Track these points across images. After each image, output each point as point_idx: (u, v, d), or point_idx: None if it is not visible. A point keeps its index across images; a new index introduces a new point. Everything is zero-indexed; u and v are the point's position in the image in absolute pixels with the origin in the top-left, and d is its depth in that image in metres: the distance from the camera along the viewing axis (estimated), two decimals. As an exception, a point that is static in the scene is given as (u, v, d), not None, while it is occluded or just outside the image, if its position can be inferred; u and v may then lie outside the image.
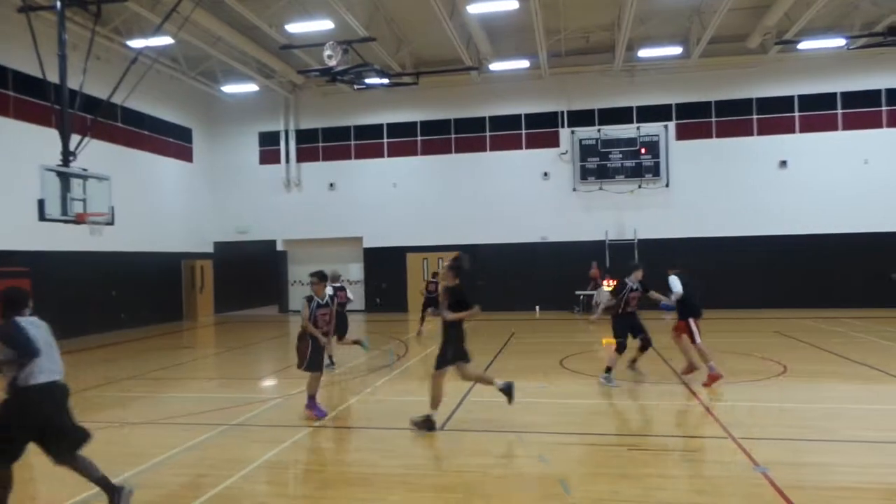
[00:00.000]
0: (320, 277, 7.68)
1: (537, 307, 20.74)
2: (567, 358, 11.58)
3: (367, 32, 16.26)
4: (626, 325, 9.70)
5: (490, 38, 18.84)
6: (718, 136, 21.01)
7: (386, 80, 17.91)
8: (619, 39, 18.37)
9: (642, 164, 21.19)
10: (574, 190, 21.63)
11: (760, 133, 20.78)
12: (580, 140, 21.57)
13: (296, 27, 16.07)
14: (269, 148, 23.80)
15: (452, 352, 6.99)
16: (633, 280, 9.97)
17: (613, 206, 21.31)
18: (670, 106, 21.27)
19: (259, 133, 23.86)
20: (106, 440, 7.13)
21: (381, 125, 23.04)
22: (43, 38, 12.59)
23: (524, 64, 19.79)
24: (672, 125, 21.23)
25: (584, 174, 21.54)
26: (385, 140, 23.05)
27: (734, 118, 20.90)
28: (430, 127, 22.75)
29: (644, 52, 19.35)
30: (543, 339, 14.83)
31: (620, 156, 21.34)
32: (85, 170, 12.79)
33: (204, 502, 5.05)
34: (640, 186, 21.23)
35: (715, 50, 19.38)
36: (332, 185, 23.29)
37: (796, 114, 20.58)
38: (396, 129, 22.94)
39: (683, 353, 9.48)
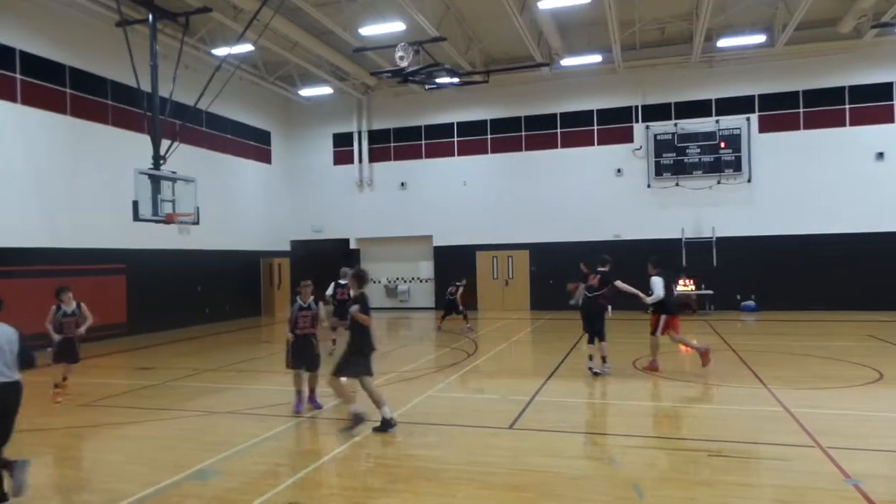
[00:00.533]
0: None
1: (609, 307, 20.23)
2: (640, 359, 11.28)
3: (437, 32, 16.40)
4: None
5: (561, 33, 18.56)
6: (806, 127, 19.84)
7: (456, 79, 18.02)
8: (698, 29, 17.67)
9: (721, 159, 20.31)
10: (648, 186, 21.01)
11: (854, 123, 19.46)
12: (655, 135, 20.92)
13: (368, 30, 16.41)
14: (342, 149, 24.43)
15: (362, 364, 6.97)
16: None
17: (690, 203, 20.55)
18: (753, 97, 20.27)
19: (333, 134, 24.54)
20: (194, 427, 7.57)
21: (452, 124, 23.18)
22: (136, 50, 13.46)
23: (597, 58, 19.38)
24: (755, 117, 20.23)
25: (660, 170, 20.88)
26: (455, 139, 23.18)
27: (824, 108, 19.67)
28: (500, 125, 22.69)
29: (724, 42, 18.51)
30: (615, 340, 14.48)
31: (698, 150, 20.54)
32: (174, 172, 13.60)
33: (281, 491, 5.26)
34: (719, 182, 20.36)
35: (802, 36, 18.31)
36: (402, 184, 23.64)
37: (895, 102, 19.15)
38: (466, 127, 23.01)
39: (683, 345, 10.47)
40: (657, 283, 10.13)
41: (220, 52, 16.90)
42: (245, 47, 16.21)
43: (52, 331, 8.88)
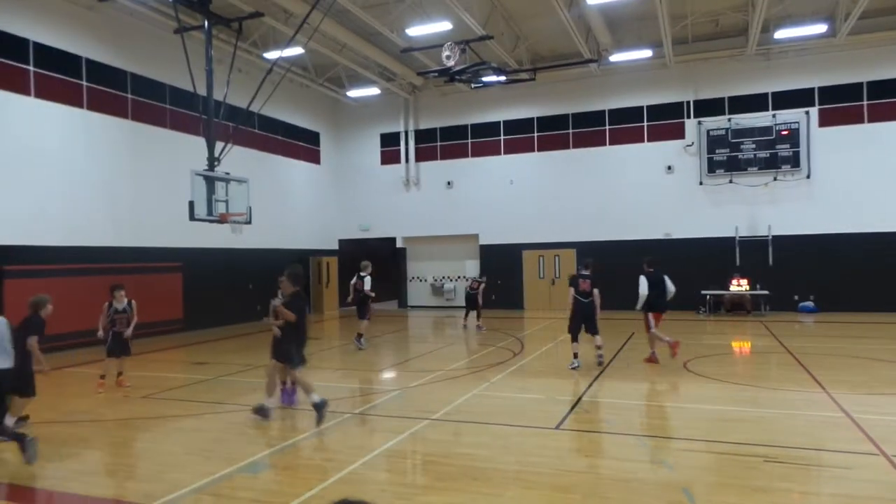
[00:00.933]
0: (289, 277, 7.80)
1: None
2: (691, 361, 11.00)
3: (484, 30, 16.37)
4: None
5: (610, 28, 18.25)
6: (871, 120, 18.90)
7: (503, 78, 17.95)
8: (754, 21, 17.08)
9: (778, 155, 19.58)
10: (700, 184, 20.44)
11: (922, 116, 18.46)
12: (708, 131, 20.32)
13: (415, 30, 16.51)
14: (389, 148, 24.67)
15: (298, 354, 7.66)
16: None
17: (745, 201, 19.89)
18: (812, 90, 19.45)
19: (380, 134, 24.80)
20: (245, 422, 7.77)
21: (498, 122, 23.10)
22: (192, 56, 13.91)
23: (647, 53, 18.96)
24: (814, 111, 19.41)
25: (712, 167, 20.28)
26: (501, 137, 23.09)
27: (890, 100, 18.70)
28: (546, 122, 22.48)
29: (782, 33, 17.82)
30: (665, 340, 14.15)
31: (753, 146, 19.85)
32: (227, 173, 14.00)
33: (329, 486, 5.35)
34: (775, 179, 19.63)
35: (866, 25, 17.45)
36: (449, 183, 23.70)
37: (969, 92, 18.08)
38: (513, 125, 22.89)
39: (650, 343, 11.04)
40: (641, 281, 10.87)
41: (272, 55, 17.31)
42: (295, 50, 16.53)
43: (105, 326, 9.35)
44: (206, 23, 14.47)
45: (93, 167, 14.93)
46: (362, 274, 13.45)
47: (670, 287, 11.00)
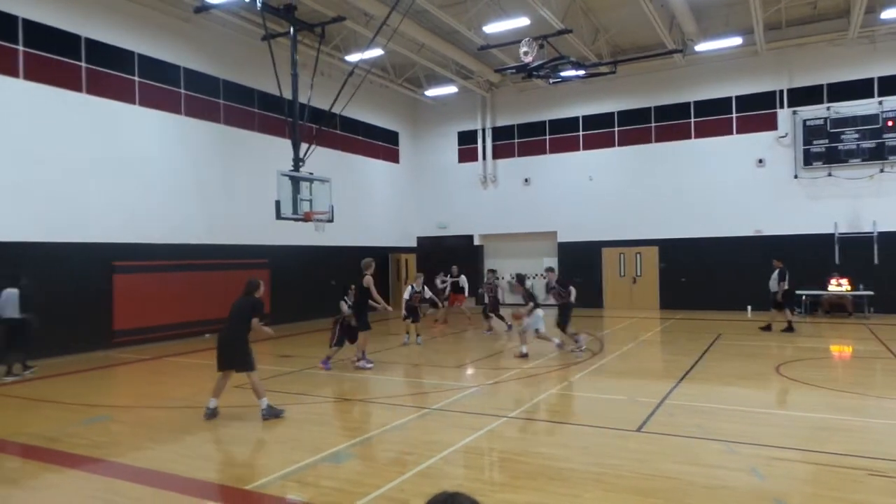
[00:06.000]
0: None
1: (749, 307, 18.84)
2: (784, 364, 10.39)
3: (563, 25, 16.11)
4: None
5: (696, 16, 17.48)
6: None
7: (582, 72, 17.57)
8: (857, 1, 15.89)
9: (886, 145, 18.12)
10: (795, 177, 19.25)
11: None
12: (804, 120, 19.09)
13: (493, 27, 16.47)
14: (467, 146, 24.76)
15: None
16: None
17: (846, 195, 18.55)
18: (925, 73, 17.88)
19: (458, 132, 24.93)
20: (329, 413, 8.06)
21: (577, 118, 22.68)
22: (278, 61, 14.52)
23: (736, 41, 18.01)
24: (928, 96, 17.83)
25: (809, 159, 19.04)
26: (580, 133, 22.65)
27: None
28: (628, 116, 21.85)
29: (890, 13, 16.47)
30: (756, 343, 13.46)
31: (856, 136, 18.47)
32: (311, 174, 14.52)
33: (408, 478, 5.45)
34: (882, 170, 18.19)
35: None
36: (526, 180, 23.51)
37: None
38: (592, 120, 22.41)
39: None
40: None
41: (353, 57, 17.78)
42: (375, 52, 16.89)
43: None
44: (291, 29, 15.05)
45: (189, 170, 15.87)
46: (416, 288, 14.44)
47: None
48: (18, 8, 12.52)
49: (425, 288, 14.78)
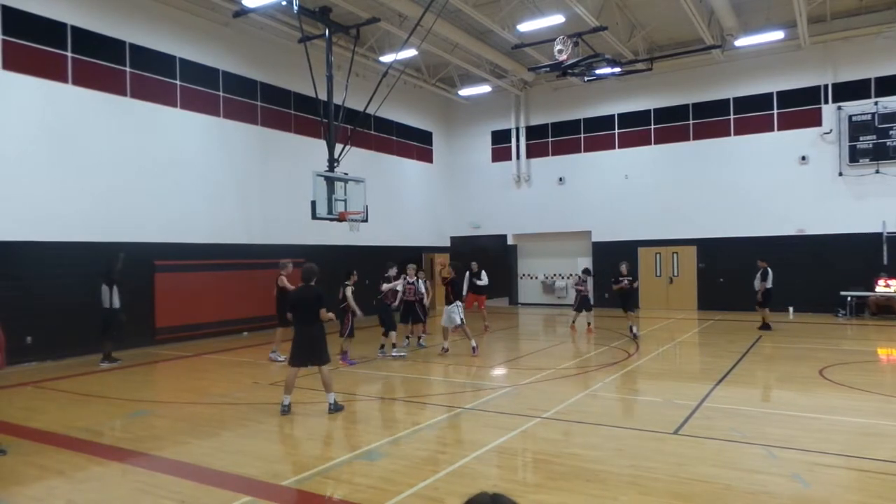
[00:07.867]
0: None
1: (791, 308, 18.35)
2: (828, 368, 10.09)
3: (598, 22, 15.93)
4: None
5: (736, 10, 17.07)
6: None
7: (617, 69, 17.35)
8: (906, -8, 15.32)
9: (938, 140, 17.42)
10: (840, 175, 18.64)
11: None
12: (850, 116, 18.48)
13: (527, 26, 16.39)
14: (500, 146, 24.69)
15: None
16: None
17: (895, 192, 17.89)
18: (981, 66, 17.12)
19: (491, 132, 24.88)
20: (365, 411, 8.14)
21: (612, 116, 22.40)
22: (314, 63, 14.72)
23: (778, 35, 17.50)
24: (983, 89, 17.07)
25: (855, 156, 18.41)
26: (616, 131, 22.37)
27: None
28: (664, 114, 21.48)
29: (942, 4, 15.85)
30: (798, 345, 13.10)
31: (906, 132, 17.80)
32: (346, 174, 14.69)
33: (442, 477, 5.48)
34: (933, 167, 17.51)
35: None
36: (560, 179, 23.32)
37: None
38: (628, 118, 22.10)
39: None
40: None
41: (387, 58, 17.91)
42: (409, 52, 16.98)
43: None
44: (326, 31, 15.25)
45: (227, 171, 16.21)
46: (412, 279, 13.47)
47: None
48: (67, 16, 12.97)
49: (419, 280, 13.50)
